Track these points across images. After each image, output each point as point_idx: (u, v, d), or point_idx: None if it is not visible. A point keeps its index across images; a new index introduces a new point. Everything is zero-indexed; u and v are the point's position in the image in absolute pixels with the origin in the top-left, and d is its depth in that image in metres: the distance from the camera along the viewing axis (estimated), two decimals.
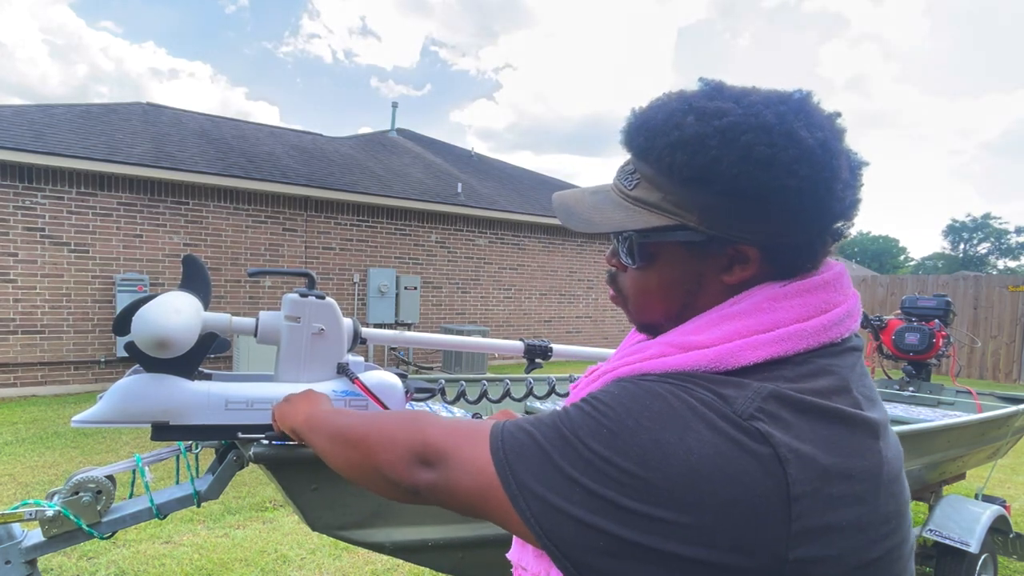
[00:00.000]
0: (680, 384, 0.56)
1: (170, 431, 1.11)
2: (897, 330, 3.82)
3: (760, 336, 0.57)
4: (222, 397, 1.14)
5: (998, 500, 2.98)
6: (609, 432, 0.53)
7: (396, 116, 15.24)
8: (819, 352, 0.59)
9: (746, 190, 0.56)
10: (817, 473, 0.50)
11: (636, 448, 0.51)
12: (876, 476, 0.54)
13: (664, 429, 0.52)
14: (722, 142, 0.56)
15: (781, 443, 0.50)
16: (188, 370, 1.14)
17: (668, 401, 0.54)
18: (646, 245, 0.64)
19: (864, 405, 0.57)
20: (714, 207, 0.59)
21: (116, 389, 1.09)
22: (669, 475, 0.49)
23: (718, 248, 0.61)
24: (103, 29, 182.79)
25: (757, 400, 0.53)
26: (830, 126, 0.59)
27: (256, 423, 1.17)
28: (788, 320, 0.58)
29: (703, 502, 0.49)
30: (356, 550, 3.20)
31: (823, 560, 0.50)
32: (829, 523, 0.50)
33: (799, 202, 0.57)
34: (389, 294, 9.60)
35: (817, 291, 0.60)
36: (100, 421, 1.08)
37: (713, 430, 0.51)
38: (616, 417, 0.54)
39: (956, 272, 31.83)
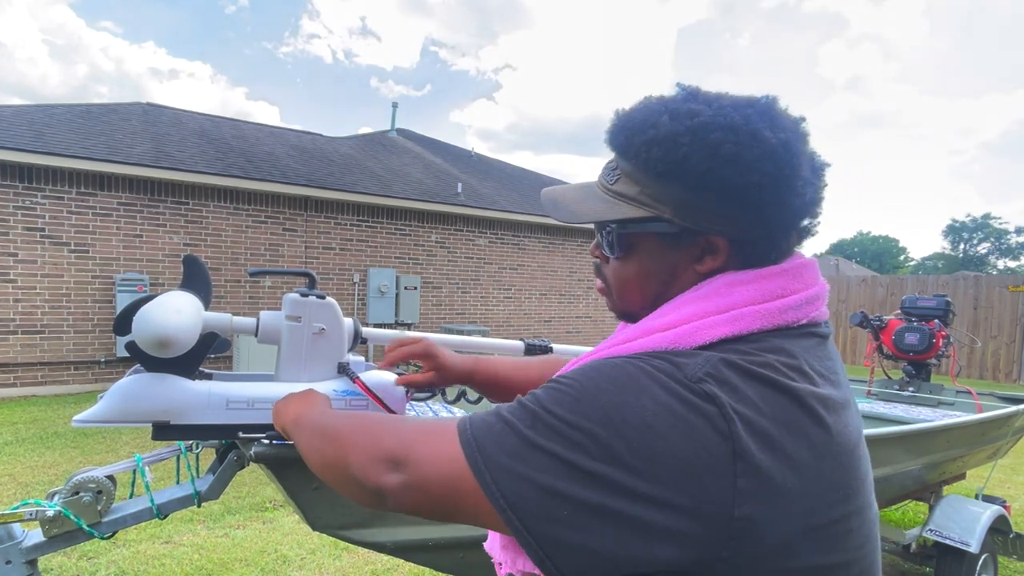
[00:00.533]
0: (639, 357, 0.60)
1: (171, 431, 1.11)
2: (897, 330, 3.82)
3: (716, 316, 0.62)
4: (223, 397, 1.13)
5: (998, 500, 2.98)
6: (572, 398, 0.56)
7: (396, 116, 15.24)
8: (774, 332, 0.62)
9: (714, 185, 0.62)
10: (759, 434, 0.53)
11: (598, 410, 0.55)
12: (821, 445, 0.56)
13: (623, 392, 0.55)
14: (692, 140, 0.61)
15: (726, 403, 0.53)
16: (189, 370, 1.14)
17: (626, 369, 0.58)
18: (625, 236, 0.69)
19: (818, 382, 0.60)
20: (686, 200, 0.63)
21: (117, 389, 1.08)
22: (627, 434, 0.53)
23: (689, 239, 0.65)
24: (103, 29, 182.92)
25: (707, 366, 0.56)
26: (794, 128, 0.64)
27: (257, 423, 1.17)
28: (743, 302, 0.62)
29: (658, 458, 0.52)
30: (356, 550, 3.20)
31: (767, 521, 0.52)
32: (771, 483, 0.52)
33: (761, 197, 0.61)
34: (389, 294, 9.60)
35: (774, 278, 0.64)
36: (101, 421, 1.07)
37: (666, 391, 0.55)
38: (579, 386, 0.57)
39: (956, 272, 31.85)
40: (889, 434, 2.21)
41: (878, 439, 2.18)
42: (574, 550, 0.52)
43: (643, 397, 0.54)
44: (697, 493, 0.51)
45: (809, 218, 0.67)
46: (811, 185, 0.64)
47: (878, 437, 2.17)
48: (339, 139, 13.16)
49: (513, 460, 0.55)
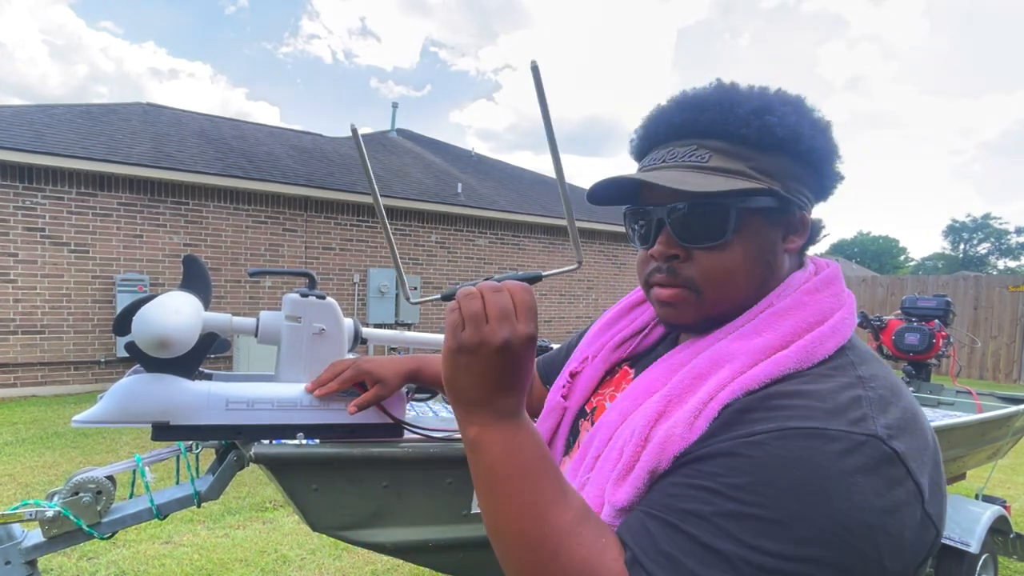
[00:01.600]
0: (800, 430, 0.52)
1: (171, 431, 1.11)
2: (897, 330, 3.82)
3: (821, 329, 0.60)
4: (223, 397, 1.13)
5: (998, 500, 2.98)
6: (779, 524, 0.48)
7: (396, 116, 15.25)
8: (852, 339, 0.63)
9: (816, 158, 0.65)
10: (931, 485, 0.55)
11: (815, 530, 0.48)
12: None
13: (830, 498, 0.48)
14: (799, 113, 0.64)
15: (912, 466, 0.52)
16: (189, 370, 1.14)
17: (810, 461, 0.50)
18: (732, 214, 0.63)
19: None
20: (794, 173, 0.65)
21: (116, 389, 1.08)
22: (855, 537, 0.48)
23: (788, 214, 0.65)
24: (103, 29, 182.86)
25: (872, 412, 0.53)
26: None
27: (256, 423, 1.16)
28: (830, 309, 0.62)
29: (889, 544, 0.49)
30: (356, 550, 3.20)
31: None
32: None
33: (827, 164, 0.66)
34: (389, 294, 9.60)
35: (835, 281, 0.66)
36: (101, 421, 1.07)
37: (865, 473, 0.50)
38: (775, 505, 0.49)
39: (956, 272, 31.85)
40: None
41: None
42: None
43: (852, 495, 0.48)
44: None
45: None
46: (837, 157, 0.68)
47: None
48: (339, 139, 13.16)
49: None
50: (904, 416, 0.55)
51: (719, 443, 0.54)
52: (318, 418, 1.18)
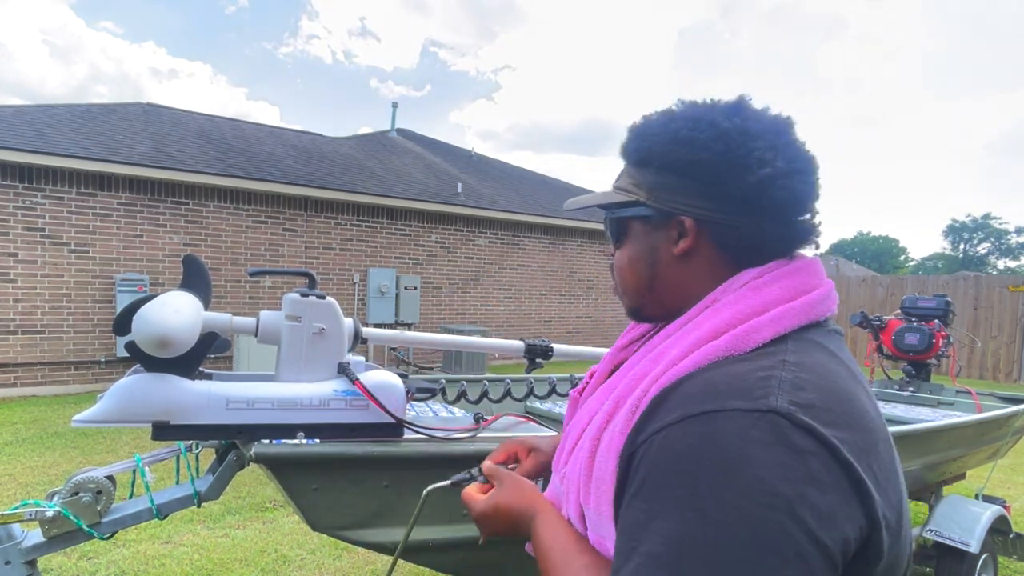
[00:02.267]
0: (698, 416, 0.55)
1: (171, 431, 1.11)
2: (897, 330, 3.82)
3: (758, 319, 0.63)
4: (223, 397, 1.14)
5: (998, 500, 2.98)
6: (698, 512, 0.51)
7: (396, 116, 15.25)
8: (807, 329, 0.65)
9: (673, 166, 0.70)
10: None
11: (732, 510, 0.50)
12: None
13: (734, 477, 0.50)
14: (660, 130, 0.71)
15: (826, 436, 0.53)
16: (189, 370, 1.14)
17: (710, 445, 0.53)
18: (615, 221, 0.77)
19: (846, 388, 0.61)
20: (656, 183, 0.72)
21: (117, 389, 1.08)
22: (771, 510, 0.49)
23: (665, 221, 0.72)
24: (103, 29, 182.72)
25: (779, 390, 0.55)
26: (758, 117, 0.69)
27: (256, 423, 1.16)
28: (776, 301, 0.65)
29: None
30: (356, 550, 3.20)
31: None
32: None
33: (714, 173, 0.67)
34: (389, 294, 9.60)
35: (793, 275, 0.68)
36: (101, 421, 1.07)
37: (767, 447, 0.51)
38: (690, 495, 0.52)
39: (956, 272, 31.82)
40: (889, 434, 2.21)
41: None
42: None
43: (752, 467, 0.50)
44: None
45: (801, 213, 0.69)
46: (771, 166, 0.66)
47: None
48: (339, 139, 13.16)
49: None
50: (826, 399, 0.56)
51: (639, 445, 0.59)
52: (318, 417, 1.18)
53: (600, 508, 0.64)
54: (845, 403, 0.57)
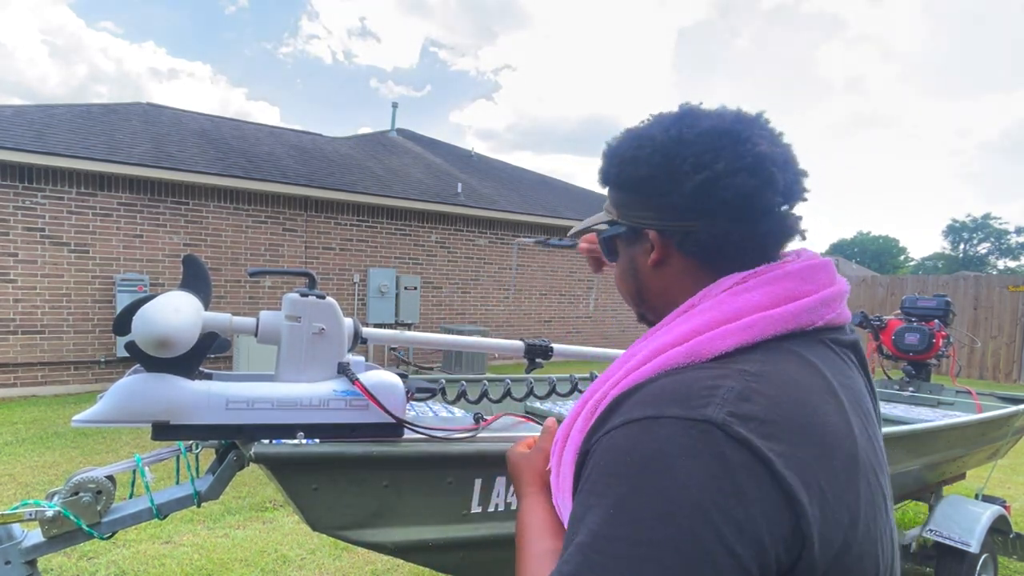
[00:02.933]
0: (639, 421, 0.57)
1: (171, 431, 1.11)
2: (897, 330, 3.82)
3: (728, 326, 0.63)
4: (223, 397, 1.13)
5: (998, 500, 2.98)
6: (622, 511, 0.53)
7: (396, 116, 15.25)
8: (787, 338, 0.63)
9: (625, 183, 0.74)
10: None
11: (652, 513, 0.51)
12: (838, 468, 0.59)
13: (658, 481, 0.52)
14: (611, 153, 0.76)
15: (760, 447, 0.53)
16: (189, 370, 1.14)
17: (640, 449, 0.55)
18: (604, 241, 0.82)
19: (809, 402, 0.59)
20: (620, 201, 0.76)
21: (117, 389, 1.08)
22: (688, 519, 0.50)
23: (636, 236, 0.75)
24: (103, 29, 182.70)
25: (722, 400, 0.55)
26: (696, 124, 0.69)
27: (256, 423, 1.16)
28: (752, 308, 0.63)
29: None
30: (356, 550, 3.20)
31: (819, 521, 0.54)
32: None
33: (657, 185, 0.70)
34: (389, 294, 9.60)
35: (781, 281, 0.66)
36: (101, 421, 1.07)
37: (698, 458, 0.52)
38: (616, 495, 0.54)
39: (956, 272, 31.82)
40: (889, 434, 2.21)
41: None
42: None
43: (676, 474, 0.51)
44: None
45: (762, 210, 0.68)
46: (710, 169, 0.66)
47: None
48: (339, 139, 13.16)
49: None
50: (774, 411, 0.55)
51: (592, 444, 0.61)
52: (318, 417, 1.18)
53: (564, 502, 0.68)
54: (798, 417, 0.56)
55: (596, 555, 0.51)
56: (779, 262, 0.69)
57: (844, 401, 0.61)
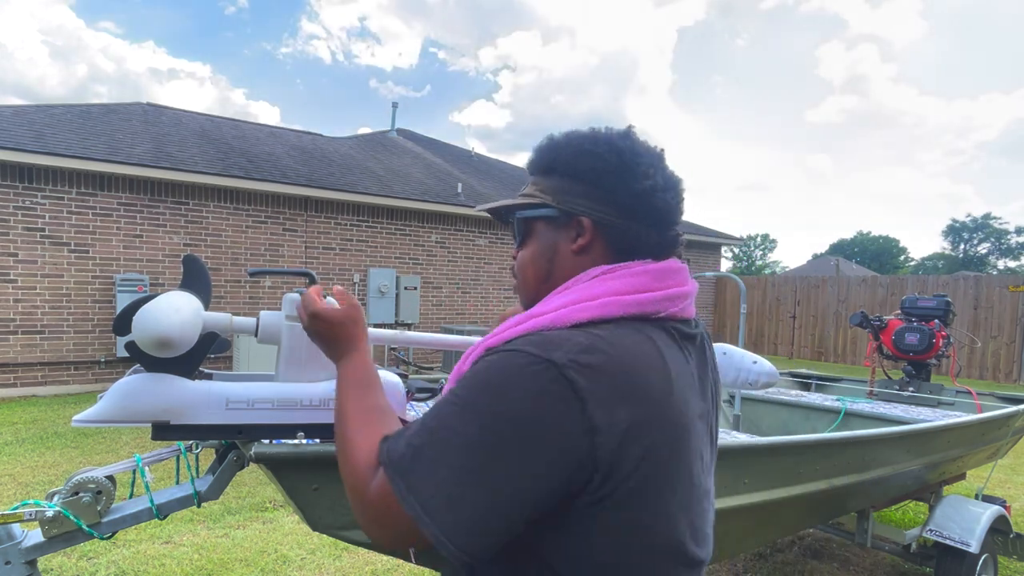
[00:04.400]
0: (504, 351, 0.71)
1: (171, 431, 1.11)
2: (897, 330, 3.82)
3: (587, 303, 0.75)
4: (223, 397, 1.13)
5: (998, 500, 2.98)
6: (464, 405, 0.69)
7: (396, 116, 15.25)
8: (632, 319, 0.76)
9: (576, 172, 0.82)
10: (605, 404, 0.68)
11: (483, 408, 0.67)
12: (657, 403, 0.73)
13: (494, 386, 0.68)
14: (566, 143, 0.84)
15: (583, 387, 0.66)
16: (189, 370, 1.14)
17: (497, 365, 0.69)
18: (522, 222, 0.88)
19: (643, 366, 0.71)
20: (560, 187, 0.83)
21: (117, 388, 1.08)
22: (504, 415, 0.66)
23: (567, 221, 0.83)
24: (103, 29, 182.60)
25: (566, 350, 0.68)
26: (642, 143, 0.83)
27: (256, 423, 1.16)
28: (609, 292, 0.76)
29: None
30: (356, 550, 3.20)
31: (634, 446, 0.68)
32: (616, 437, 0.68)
33: (608, 179, 0.80)
34: (389, 294, 9.60)
35: (638, 276, 0.78)
36: (101, 420, 1.07)
37: (535, 380, 0.66)
38: (465, 393, 0.70)
39: (956, 272, 31.83)
40: (889, 434, 2.21)
41: (878, 439, 2.18)
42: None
43: (510, 386, 0.66)
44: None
45: (671, 226, 0.82)
46: (649, 182, 0.80)
47: (878, 437, 2.17)
48: (339, 139, 13.16)
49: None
50: (607, 364, 0.68)
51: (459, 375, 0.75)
52: (318, 417, 1.18)
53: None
54: (624, 373, 0.68)
55: (434, 436, 0.67)
56: (643, 261, 0.80)
57: (672, 374, 0.73)
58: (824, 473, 2.03)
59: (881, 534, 2.83)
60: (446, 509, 0.64)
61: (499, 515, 0.64)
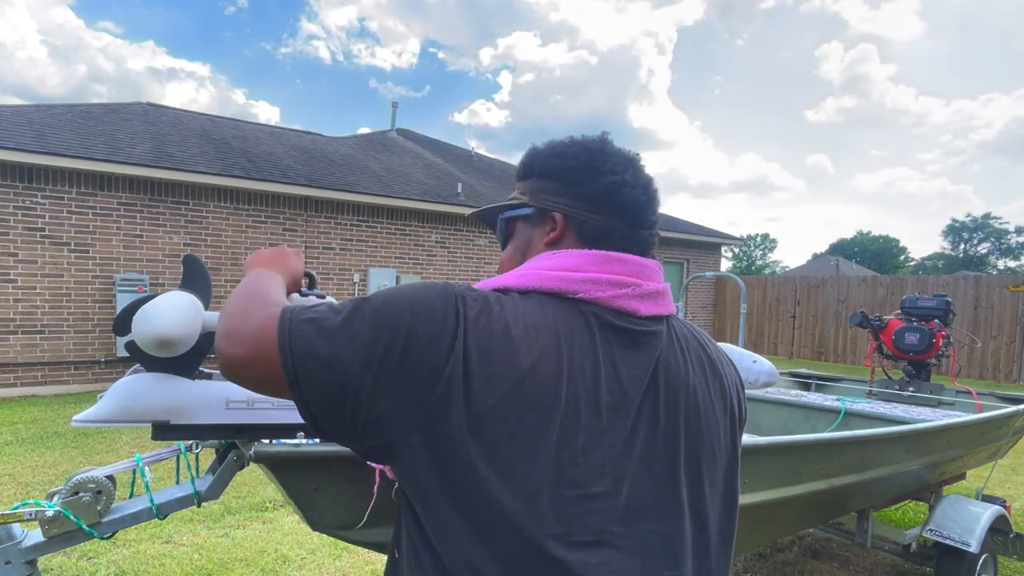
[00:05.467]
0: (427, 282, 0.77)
1: (171, 431, 1.11)
2: (897, 330, 3.82)
3: (515, 272, 0.81)
4: (223, 396, 1.13)
5: (998, 500, 2.98)
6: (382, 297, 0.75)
7: (396, 116, 15.24)
8: (546, 293, 0.78)
9: (550, 171, 0.88)
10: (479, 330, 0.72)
11: (395, 297, 0.73)
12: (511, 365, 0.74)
13: (409, 289, 0.75)
14: (544, 149, 0.91)
15: (464, 304, 0.72)
16: (189, 369, 1.14)
17: (414, 283, 0.77)
18: (505, 222, 0.94)
19: (529, 332, 0.73)
20: (537, 187, 0.89)
21: (117, 388, 1.08)
22: (409, 300, 0.72)
23: (541, 217, 0.88)
24: (102, 29, 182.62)
25: (472, 293, 0.74)
26: (614, 147, 0.88)
27: (257, 422, 1.16)
28: (537, 267, 0.81)
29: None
30: (356, 550, 3.20)
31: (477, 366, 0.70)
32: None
33: (578, 175, 0.85)
34: None
35: (574, 257, 0.81)
36: (101, 420, 1.07)
37: (431, 289, 0.73)
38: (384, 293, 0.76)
39: (956, 272, 31.82)
40: (889, 434, 2.21)
41: (878, 439, 2.18)
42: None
43: (416, 291, 0.73)
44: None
45: (641, 224, 0.85)
46: (620, 176, 0.84)
47: (878, 437, 2.17)
48: (339, 139, 13.16)
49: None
50: (498, 314, 0.72)
51: None
52: None
53: None
54: (507, 328, 0.71)
55: (348, 305, 0.72)
56: (588, 249, 0.83)
57: (563, 349, 0.72)
58: (824, 473, 2.03)
59: (881, 534, 2.83)
60: (312, 332, 0.69)
61: (341, 365, 0.68)
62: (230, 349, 0.73)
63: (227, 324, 0.76)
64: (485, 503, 0.67)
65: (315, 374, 0.68)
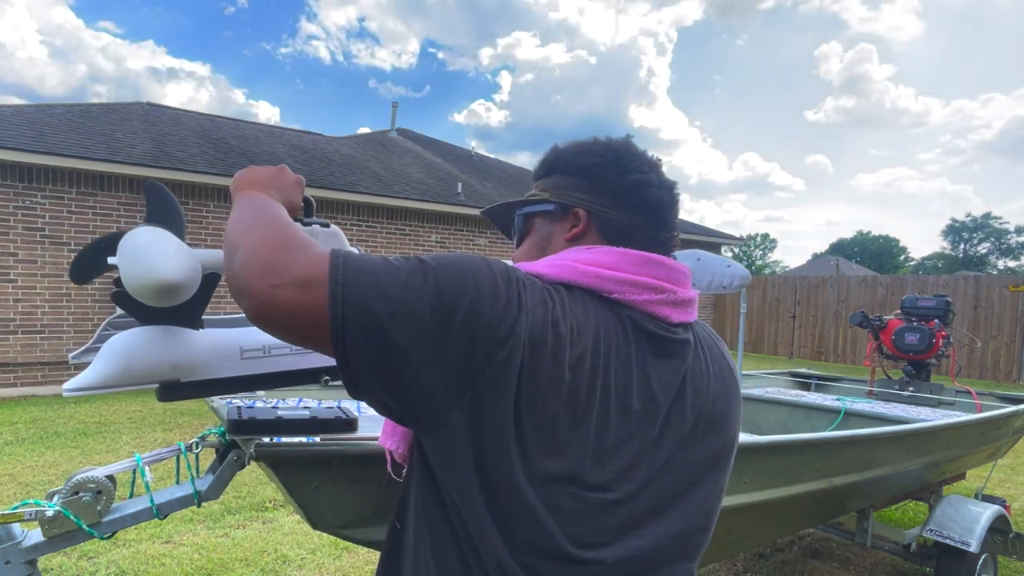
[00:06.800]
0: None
1: (182, 389, 0.97)
2: (897, 330, 3.82)
3: (549, 261, 0.79)
4: (236, 345, 1.01)
5: (998, 500, 2.98)
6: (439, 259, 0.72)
7: (396, 117, 15.24)
8: (583, 289, 0.76)
9: (576, 168, 0.87)
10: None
11: (456, 263, 0.69)
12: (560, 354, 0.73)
13: (469, 258, 0.71)
14: (567, 147, 0.91)
15: (522, 280, 0.71)
16: (192, 319, 0.99)
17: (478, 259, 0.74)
18: (524, 218, 0.94)
19: (573, 332, 0.71)
20: (561, 184, 0.89)
21: (113, 348, 0.93)
22: (474, 266, 0.69)
23: (563, 213, 0.87)
24: (102, 29, 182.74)
25: (528, 280, 0.72)
26: (636, 151, 0.88)
27: (277, 370, 1.03)
28: (574, 259, 0.78)
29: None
30: (357, 549, 3.20)
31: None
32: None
33: (604, 172, 0.85)
34: None
35: (612, 255, 0.78)
36: (98, 387, 0.94)
37: (496, 265, 0.71)
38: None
39: (956, 272, 31.82)
40: (889, 434, 2.21)
41: (878, 439, 2.18)
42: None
43: (478, 261, 0.71)
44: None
45: (665, 225, 0.85)
46: (645, 175, 0.84)
47: (878, 437, 2.17)
48: (339, 139, 13.15)
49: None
50: (542, 297, 0.70)
51: None
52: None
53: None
54: (553, 320, 0.69)
55: (414, 267, 0.66)
56: (627, 247, 0.80)
57: (601, 353, 0.71)
58: (824, 473, 2.03)
59: (881, 534, 2.83)
60: (369, 285, 0.62)
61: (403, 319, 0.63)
62: (267, 289, 0.62)
63: (262, 257, 0.65)
64: (508, 492, 0.66)
65: (366, 331, 0.62)
